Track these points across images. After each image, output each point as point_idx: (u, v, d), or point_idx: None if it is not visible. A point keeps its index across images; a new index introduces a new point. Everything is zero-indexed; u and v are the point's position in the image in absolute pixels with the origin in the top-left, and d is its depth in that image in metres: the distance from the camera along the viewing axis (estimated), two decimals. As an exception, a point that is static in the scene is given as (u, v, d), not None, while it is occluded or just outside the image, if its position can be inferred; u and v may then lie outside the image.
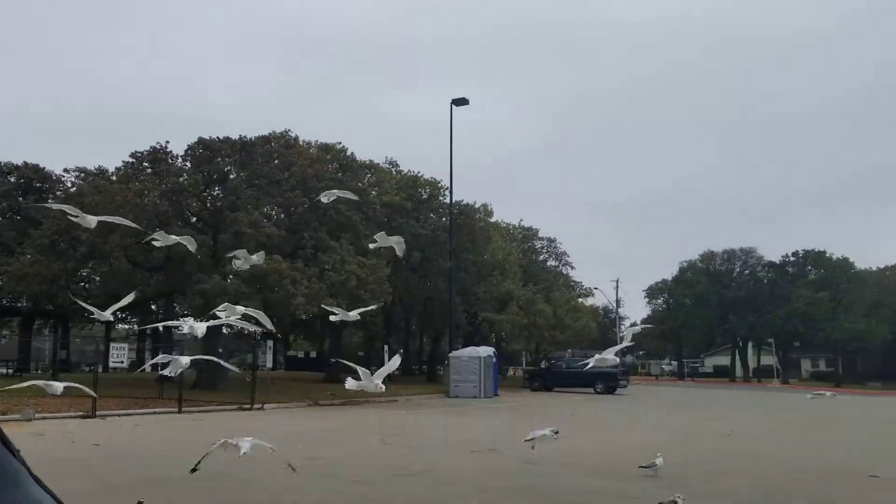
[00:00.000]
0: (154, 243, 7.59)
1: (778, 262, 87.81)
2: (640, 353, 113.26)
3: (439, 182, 43.94)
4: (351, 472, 11.65)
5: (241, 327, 8.64)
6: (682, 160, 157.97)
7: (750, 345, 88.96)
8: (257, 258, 8.28)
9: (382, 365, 7.70)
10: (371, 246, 8.32)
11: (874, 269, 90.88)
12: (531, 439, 10.21)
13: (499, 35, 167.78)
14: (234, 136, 31.53)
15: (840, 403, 40.38)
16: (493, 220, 51.74)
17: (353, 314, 8.30)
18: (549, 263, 62.43)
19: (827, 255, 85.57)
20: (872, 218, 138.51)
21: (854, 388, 70.01)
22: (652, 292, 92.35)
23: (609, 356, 8.69)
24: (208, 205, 30.71)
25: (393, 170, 45.11)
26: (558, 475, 11.46)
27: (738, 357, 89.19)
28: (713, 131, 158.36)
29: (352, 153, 37.41)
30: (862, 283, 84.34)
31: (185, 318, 23.44)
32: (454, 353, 37.77)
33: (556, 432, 10.38)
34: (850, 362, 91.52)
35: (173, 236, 7.49)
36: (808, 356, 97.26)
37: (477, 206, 48.45)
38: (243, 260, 8.11)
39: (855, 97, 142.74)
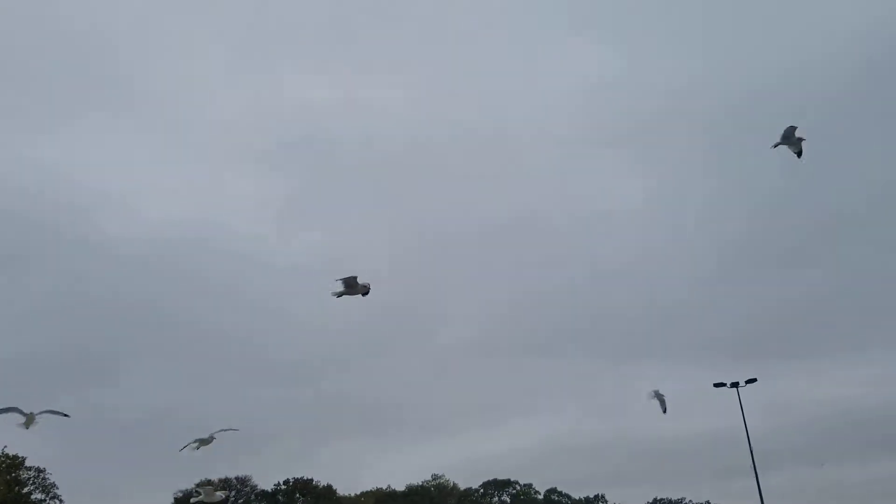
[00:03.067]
0: None
1: (270, 490, 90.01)
2: None
3: None
4: None
5: None
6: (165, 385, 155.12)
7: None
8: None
9: None
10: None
11: (353, 495, 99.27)
12: None
13: None
14: None
15: None
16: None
17: None
18: (34, 497, 53.73)
19: (314, 482, 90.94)
20: (354, 447, 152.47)
21: None
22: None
23: None
24: None
25: None
26: None
27: None
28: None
29: None
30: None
31: None
32: None
33: None
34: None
35: None
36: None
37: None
38: None
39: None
